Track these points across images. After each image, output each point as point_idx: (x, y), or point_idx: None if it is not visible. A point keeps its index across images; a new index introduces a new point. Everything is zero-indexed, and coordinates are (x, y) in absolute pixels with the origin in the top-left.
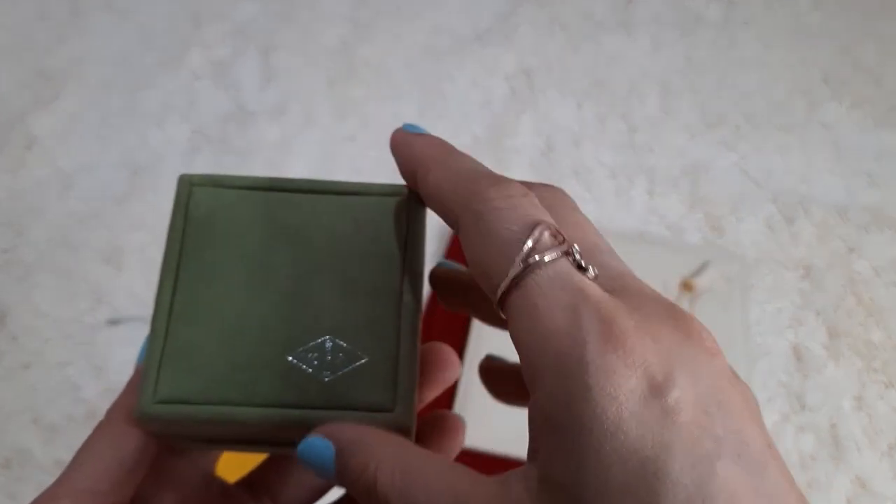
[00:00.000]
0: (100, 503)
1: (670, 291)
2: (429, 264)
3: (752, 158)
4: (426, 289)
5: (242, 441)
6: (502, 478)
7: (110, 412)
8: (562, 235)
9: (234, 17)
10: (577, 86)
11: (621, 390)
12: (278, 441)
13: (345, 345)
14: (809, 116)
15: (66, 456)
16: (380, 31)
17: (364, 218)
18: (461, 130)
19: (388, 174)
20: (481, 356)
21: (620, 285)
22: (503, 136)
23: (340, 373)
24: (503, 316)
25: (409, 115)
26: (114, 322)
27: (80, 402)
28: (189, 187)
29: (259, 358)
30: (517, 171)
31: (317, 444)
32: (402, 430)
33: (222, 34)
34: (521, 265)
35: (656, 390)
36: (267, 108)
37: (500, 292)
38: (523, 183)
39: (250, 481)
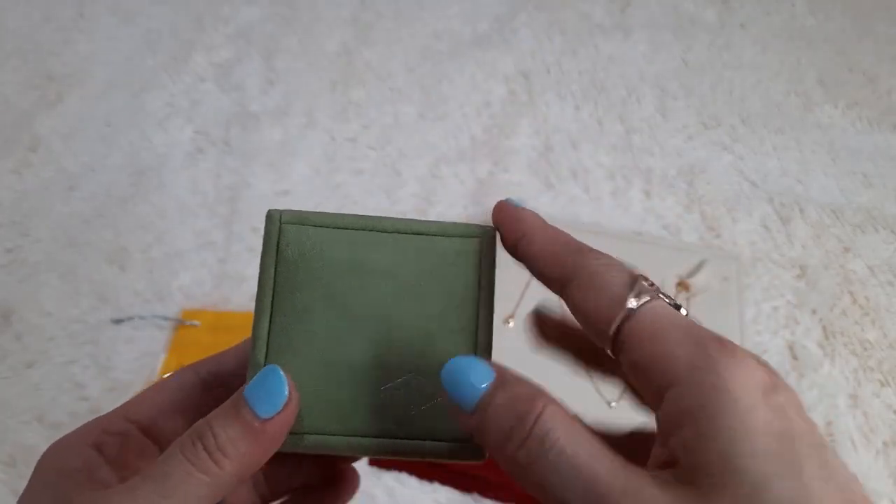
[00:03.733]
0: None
1: (667, 290)
2: None
3: (749, 159)
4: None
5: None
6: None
7: (219, 459)
8: (655, 286)
9: (237, 21)
10: (575, 88)
11: (747, 383)
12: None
13: (428, 382)
14: (805, 118)
15: None
16: (381, 34)
17: (444, 258)
18: (461, 132)
19: (388, 174)
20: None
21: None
22: (502, 138)
23: (424, 407)
24: (611, 353)
25: (410, 116)
26: (117, 321)
27: (84, 401)
28: (279, 224)
29: (349, 393)
30: (516, 171)
31: (478, 366)
32: (479, 460)
33: (225, 37)
34: (633, 304)
35: (770, 388)
36: (269, 110)
37: (615, 325)
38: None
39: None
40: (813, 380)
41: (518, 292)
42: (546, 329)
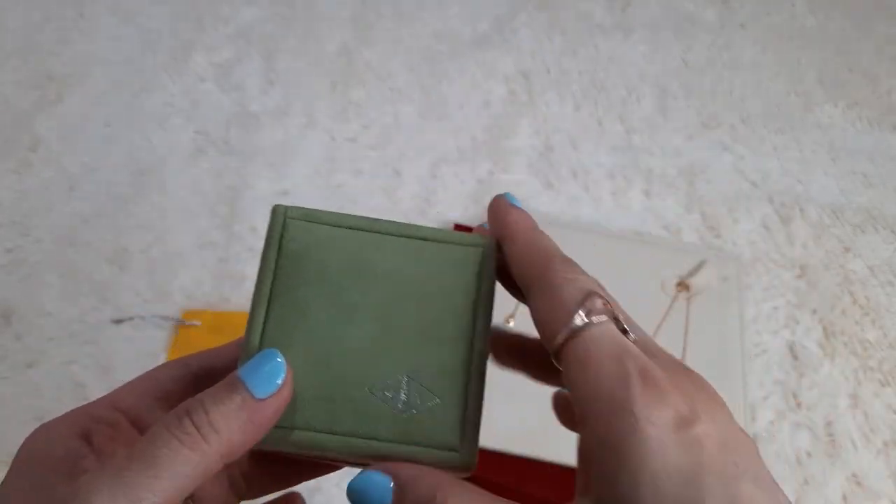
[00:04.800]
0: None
1: (667, 291)
2: None
3: (749, 159)
4: None
5: (319, 458)
6: None
7: (208, 434)
8: (611, 306)
9: (238, 21)
10: (575, 88)
11: (661, 420)
12: (346, 462)
13: (421, 386)
14: (805, 118)
15: None
16: (381, 34)
17: (445, 265)
18: (461, 132)
19: (388, 174)
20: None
21: (649, 349)
22: (502, 138)
23: (415, 411)
24: (557, 364)
25: (410, 116)
26: (118, 321)
27: (84, 401)
28: (284, 219)
29: (342, 390)
30: (516, 172)
31: (375, 478)
32: (466, 470)
33: (225, 37)
34: (579, 322)
35: (686, 423)
36: (269, 110)
37: (558, 341)
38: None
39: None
40: (813, 380)
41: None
42: (499, 348)
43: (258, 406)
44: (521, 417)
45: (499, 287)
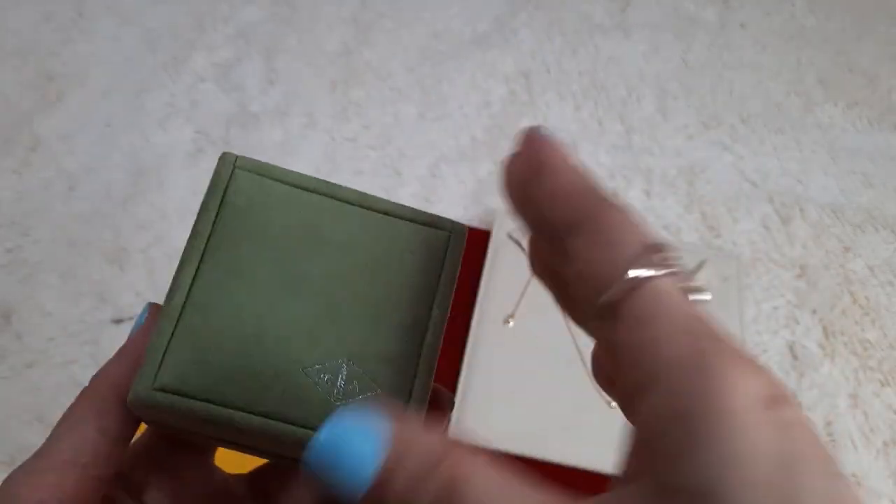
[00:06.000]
0: (82, 476)
1: None
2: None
3: (749, 159)
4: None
5: (237, 444)
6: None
7: (95, 381)
8: (675, 260)
9: (238, 21)
10: (575, 88)
11: (750, 393)
12: (272, 452)
13: (361, 372)
14: (805, 118)
15: None
16: (381, 34)
17: (407, 245)
18: (461, 132)
19: (389, 174)
20: (481, 356)
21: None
22: (502, 138)
23: (351, 400)
24: (599, 324)
25: (410, 116)
26: (117, 321)
27: None
28: (232, 169)
29: (271, 366)
30: None
31: (356, 429)
32: None
33: (225, 37)
34: (639, 273)
35: (777, 402)
36: (269, 110)
37: (612, 294)
38: None
39: (251, 480)
40: (813, 380)
41: (518, 292)
42: (538, 257)
43: (132, 343)
44: (521, 417)
45: (501, 283)
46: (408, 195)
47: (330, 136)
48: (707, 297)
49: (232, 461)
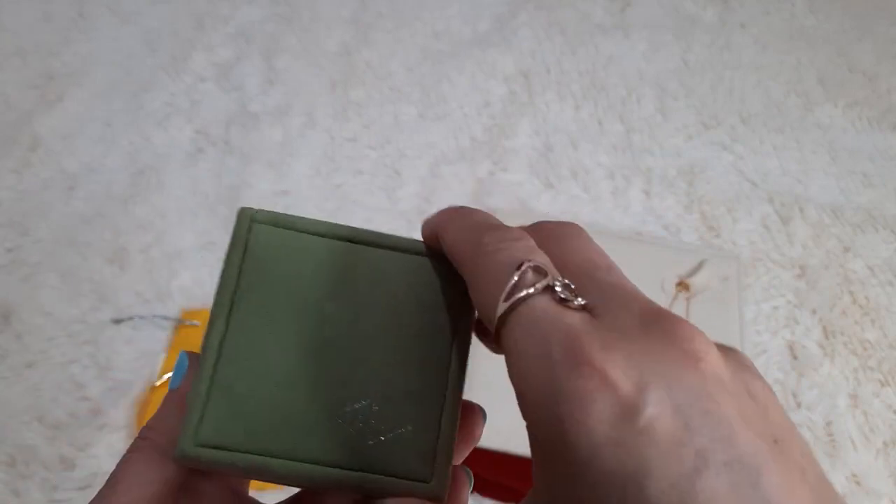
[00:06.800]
0: None
1: (667, 291)
2: None
3: (749, 159)
4: None
5: (280, 483)
6: None
7: (145, 433)
8: (545, 270)
9: (238, 21)
10: (574, 88)
11: (591, 416)
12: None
13: (390, 411)
14: (805, 117)
15: (70, 453)
16: (380, 34)
17: (424, 280)
18: (461, 132)
19: (388, 174)
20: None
21: (608, 301)
22: (502, 138)
23: (383, 438)
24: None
25: (410, 116)
26: (117, 321)
27: (84, 401)
28: (250, 223)
29: (304, 413)
30: (516, 171)
31: None
32: (436, 500)
33: (225, 37)
34: (506, 304)
35: (628, 410)
36: (269, 110)
37: (494, 323)
38: (534, 225)
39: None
40: (813, 380)
41: None
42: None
43: (176, 394)
44: (521, 417)
45: None
46: (408, 195)
47: (330, 136)
48: (586, 298)
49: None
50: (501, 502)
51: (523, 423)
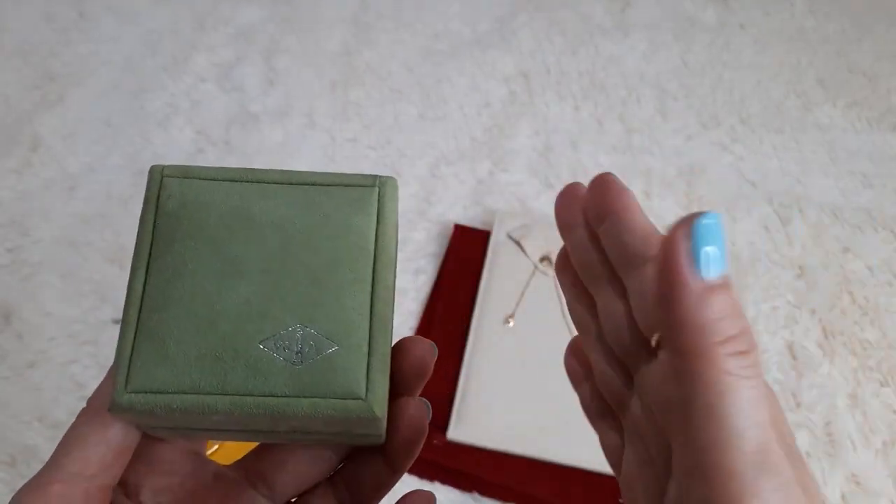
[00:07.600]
0: (89, 486)
1: None
2: (423, 261)
3: (748, 159)
4: (419, 294)
5: (220, 430)
6: None
7: (92, 399)
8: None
9: (238, 21)
10: (575, 88)
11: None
12: (254, 429)
13: (315, 333)
14: (804, 118)
15: None
16: (381, 34)
17: (336, 209)
18: (461, 132)
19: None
20: (481, 356)
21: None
22: (502, 138)
23: (311, 361)
24: (634, 349)
25: (410, 116)
26: (118, 321)
27: (85, 401)
28: (160, 178)
29: (230, 347)
30: (516, 171)
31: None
32: (373, 418)
33: (226, 38)
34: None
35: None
36: (270, 111)
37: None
38: None
39: (245, 466)
40: (812, 380)
41: (518, 292)
42: (568, 271)
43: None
44: (521, 417)
45: (500, 283)
46: (408, 195)
47: (330, 136)
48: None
49: (229, 452)
50: (501, 502)
51: (523, 424)
